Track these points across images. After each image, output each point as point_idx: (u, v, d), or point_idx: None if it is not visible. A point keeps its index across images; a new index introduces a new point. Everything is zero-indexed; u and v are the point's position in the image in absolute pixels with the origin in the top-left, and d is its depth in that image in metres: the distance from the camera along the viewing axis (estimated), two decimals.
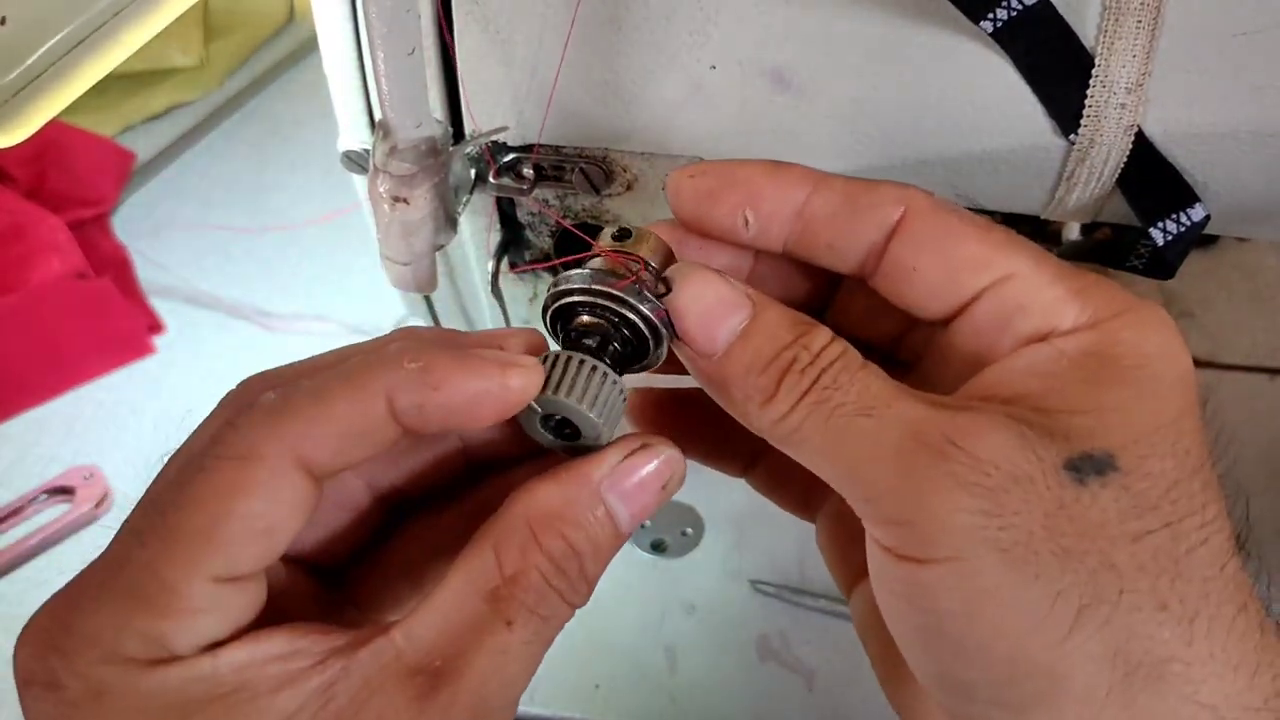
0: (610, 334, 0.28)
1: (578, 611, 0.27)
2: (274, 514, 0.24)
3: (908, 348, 0.31)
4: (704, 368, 0.27)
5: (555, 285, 0.28)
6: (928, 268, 0.27)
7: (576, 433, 0.28)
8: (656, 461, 0.27)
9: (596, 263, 0.28)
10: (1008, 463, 0.23)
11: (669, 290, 0.27)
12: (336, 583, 0.30)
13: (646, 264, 0.28)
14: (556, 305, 0.28)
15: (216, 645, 0.24)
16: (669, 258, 0.29)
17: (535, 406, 0.27)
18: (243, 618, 0.25)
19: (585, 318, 0.28)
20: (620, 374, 0.28)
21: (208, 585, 0.24)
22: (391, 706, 0.24)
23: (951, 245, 0.27)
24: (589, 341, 0.28)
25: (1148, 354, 0.25)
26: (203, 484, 0.24)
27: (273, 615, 0.25)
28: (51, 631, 0.24)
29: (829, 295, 0.32)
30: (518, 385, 0.26)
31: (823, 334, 0.26)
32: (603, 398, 0.27)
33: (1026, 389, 0.25)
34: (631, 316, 0.27)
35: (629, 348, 0.28)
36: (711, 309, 0.26)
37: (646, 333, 0.27)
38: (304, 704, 0.23)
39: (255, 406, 0.26)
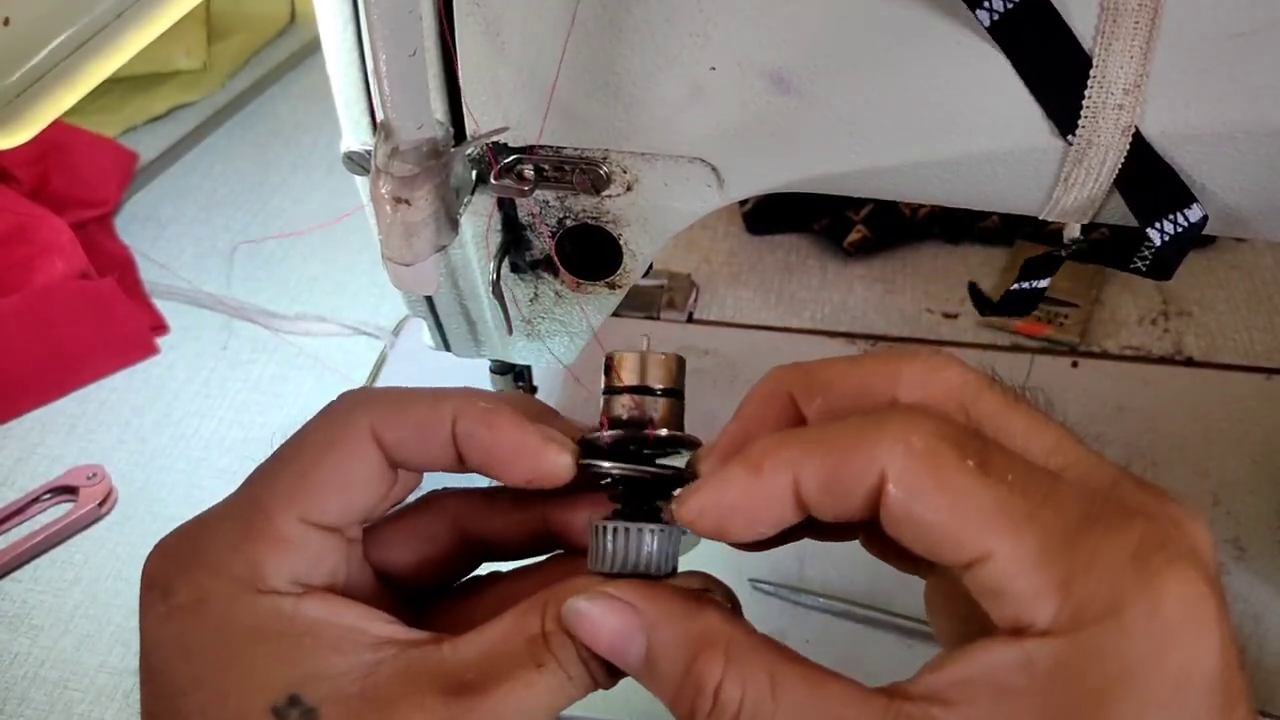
0: (642, 489, 0.31)
1: None
2: (352, 472, 0.30)
3: None
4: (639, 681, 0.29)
5: (585, 467, 0.31)
6: (911, 541, 0.26)
7: None
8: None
9: (609, 434, 0.32)
10: None
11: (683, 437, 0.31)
12: (421, 617, 0.34)
13: (651, 421, 0.31)
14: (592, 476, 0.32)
15: (301, 593, 0.29)
16: (677, 371, 0.32)
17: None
18: (325, 567, 0.30)
19: (616, 473, 0.31)
20: (661, 514, 0.31)
21: (298, 524, 0.29)
22: (420, 697, 0.27)
23: (925, 522, 0.25)
24: (621, 504, 0.31)
25: (1120, 674, 0.23)
26: (301, 441, 0.31)
27: (332, 586, 0.30)
28: (178, 546, 0.30)
29: None
30: (551, 459, 0.30)
31: (712, 666, 0.26)
32: (645, 554, 0.30)
33: (982, 705, 0.24)
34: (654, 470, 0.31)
35: (667, 485, 0.31)
36: (611, 642, 0.28)
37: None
38: (351, 669, 0.28)
39: (352, 391, 0.32)
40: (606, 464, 0.31)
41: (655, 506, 0.31)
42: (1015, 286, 0.42)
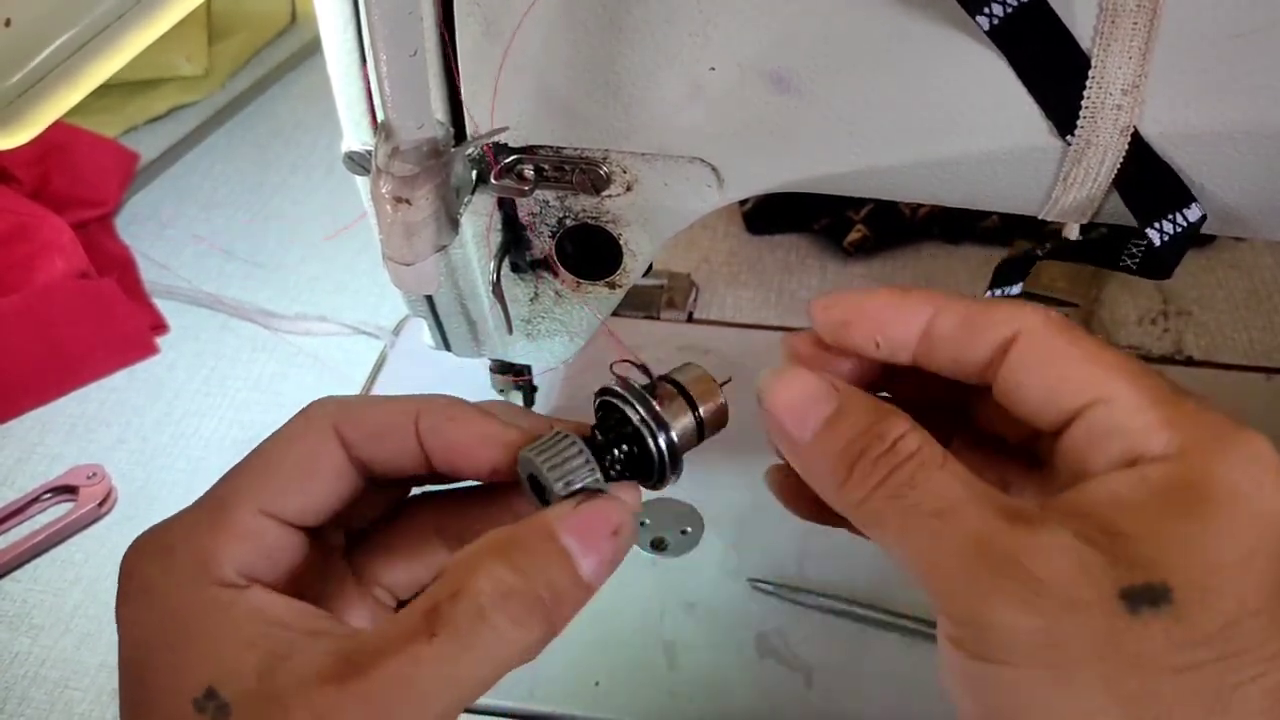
0: (620, 441, 0.31)
1: (580, 610, 0.29)
2: (312, 466, 0.31)
3: (1041, 448, 0.32)
4: (794, 454, 0.30)
5: (611, 387, 0.32)
6: (1031, 387, 0.28)
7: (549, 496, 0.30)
8: (603, 503, 0.29)
9: (659, 390, 0.32)
10: (1065, 587, 0.25)
11: (700, 427, 0.32)
12: (345, 555, 0.34)
13: (692, 406, 0.32)
14: (602, 399, 0.32)
15: (246, 586, 0.29)
16: (710, 396, 0.32)
17: (526, 463, 0.30)
18: (282, 563, 0.30)
19: (614, 417, 0.31)
20: (609, 474, 0.31)
21: (255, 515, 0.30)
22: (311, 683, 0.26)
23: (1054, 368, 0.28)
24: (599, 436, 0.31)
25: (1227, 489, 0.26)
26: (270, 441, 0.31)
27: (290, 586, 0.30)
28: (146, 537, 0.30)
29: (967, 397, 0.34)
30: (512, 443, 0.31)
31: (898, 423, 0.28)
32: (568, 469, 0.30)
33: (1106, 511, 0.26)
34: (648, 442, 0.31)
35: (633, 461, 0.31)
36: (799, 401, 0.29)
37: (654, 456, 0.31)
38: (260, 660, 0.27)
39: (324, 397, 0.33)
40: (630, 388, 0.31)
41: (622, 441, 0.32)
42: (988, 294, 0.42)
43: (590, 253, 0.43)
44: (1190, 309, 0.75)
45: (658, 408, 0.31)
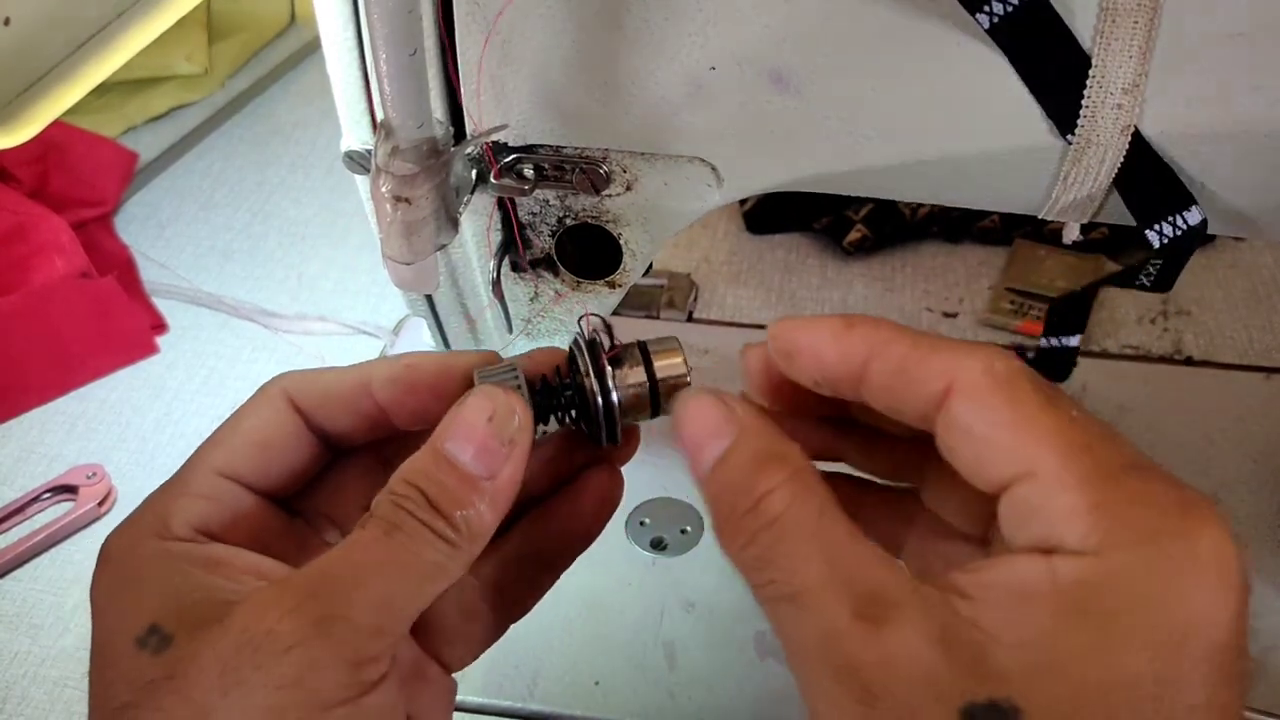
0: (567, 388, 0.32)
1: (576, 606, 0.28)
2: (264, 428, 0.32)
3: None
4: (699, 484, 0.29)
5: (578, 337, 0.33)
6: (961, 451, 0.26)
7: None
8: (470, 399, 0.30)
9: (624, 351, 0.33)
10: (902, 701, 0.23)
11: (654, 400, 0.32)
12: (299, 510, 0.35)
13: (651, 380, 0.32)
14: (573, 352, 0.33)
15: (202, 541, 0.30)
16: (677, 378, 0.32)
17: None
18: (242, 524, 0.31)
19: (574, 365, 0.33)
20: (548, 413, 0.32)
21: (209, 475, 0.31)
22: (267, 599, 0.27)
23: (983, 431, 0.26)
24: (552, 382, 0.32)
25: (1138, 598, 0.23)
26: (232, 414, 0.33)
27: (252, 543, 0.31)
28: (123, 521, 0.31)
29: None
30: (472, 361, 0.32)
31: (769, 477, 0.26)
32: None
33: (991, 606, 0.24)
34: (590, 398, 0.32)
35: (575, 408, 0.33)
36: (699, 432, 0.28)
37: (595, 412, 0.32)
38: (207, 598, 0.28)
39: (284, 372, 0.34)
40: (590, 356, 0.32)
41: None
42: (1043, 341, 0.41)
43: (590, 252, 0.43)
44: (1190, 309, 0.75)
45: (609, 367, 0.32)
